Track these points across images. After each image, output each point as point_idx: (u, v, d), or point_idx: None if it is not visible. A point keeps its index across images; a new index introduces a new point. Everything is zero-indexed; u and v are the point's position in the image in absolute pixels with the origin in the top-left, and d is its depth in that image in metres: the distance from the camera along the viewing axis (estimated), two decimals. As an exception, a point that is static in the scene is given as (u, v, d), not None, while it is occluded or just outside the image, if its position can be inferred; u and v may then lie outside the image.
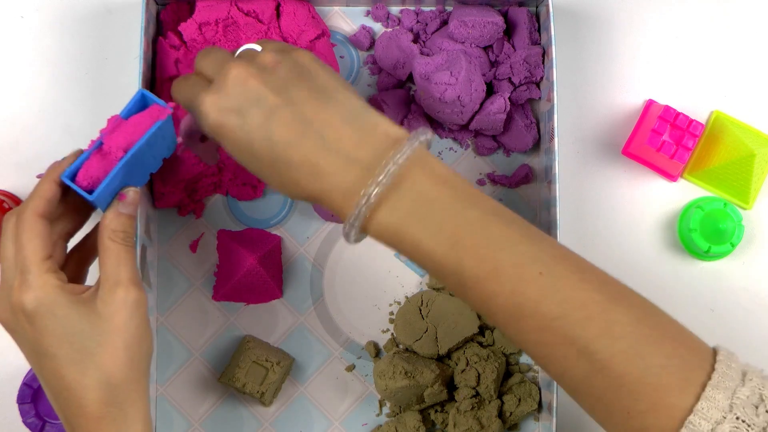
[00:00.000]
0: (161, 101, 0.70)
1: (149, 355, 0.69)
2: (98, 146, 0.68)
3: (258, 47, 0.70)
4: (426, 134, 0.65)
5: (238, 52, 0.71)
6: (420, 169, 0.65)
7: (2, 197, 0.87)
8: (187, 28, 0.86)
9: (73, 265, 0.72)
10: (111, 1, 0.91)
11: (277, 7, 0.88)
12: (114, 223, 0.68)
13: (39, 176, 0.82)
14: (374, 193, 0.63)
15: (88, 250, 0.73)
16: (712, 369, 0.62)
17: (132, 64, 0.89)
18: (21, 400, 0.84)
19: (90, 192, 0.67)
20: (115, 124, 0.69)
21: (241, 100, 0.66)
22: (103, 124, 0.91)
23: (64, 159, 0.70)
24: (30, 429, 0.84)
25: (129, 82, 0.89)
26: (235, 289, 0.88)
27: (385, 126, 0.66)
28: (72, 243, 0.73)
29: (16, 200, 0.88)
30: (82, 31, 0.91)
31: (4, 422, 0.87)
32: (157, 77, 0.88)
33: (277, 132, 0.65)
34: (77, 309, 0.66)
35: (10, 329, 0.68)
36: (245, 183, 0.88)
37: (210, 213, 0.90)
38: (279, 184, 0.67)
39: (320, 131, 0.65)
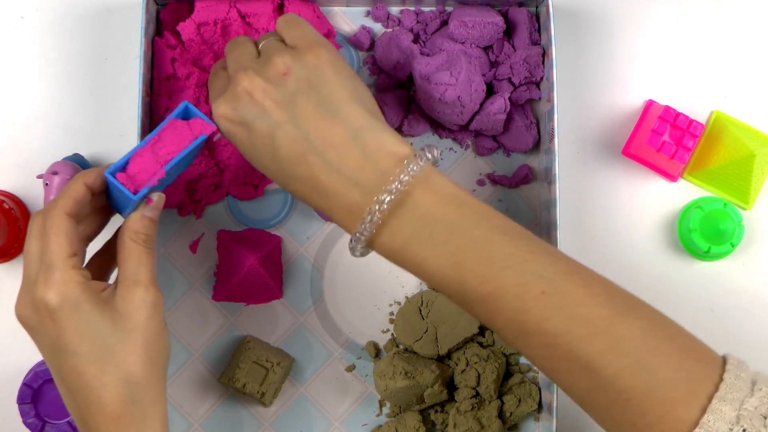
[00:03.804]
0: (205, 117, 0.71)
1: (167, 355, 0.69)
2: (135, 152, 0.70)
3: (277, 35, 0.72)
4: (432, 152, 0.65)
5: (261, 44, 0.73)
6: (425, 188, 0.65)
7: (2, 197, 0.87)
8: (186, 27, 0.86)
9: (97, 269, 0.72)
10: (111, 1, 0.91)
11: (281, 7, 0.88)
12: (137, 224, 0.69)
13: (39, 176, 0.82)
14: (377, 213, 0.64)
15: (112, 254, 0.73)
16: (721, 380, 0.61)
17: (132, 64, 0.89)
18: (21, 400, 0.84)
19: (133, 194, 0.69)
20: (160, 131, 0.71)
21: (247, 114, 0.68)
22: (104, 124, 0.91)
23: (98, 168, 0.70)
24: (30, 429, 0.84)
25: (129, 82, 0.89)
26: (235, 289, 0.88)
27: (390, 145, 0.66)
28: (94, 248, 0.74)
29: (16, 200, 0.88)
30: (82, 31, 0.91)
31: (4, 422, 0.87)
32: (155, 77, 0.88)
33: (281, 148, 0.67)
34: (99, 306, 0.66)
35: (29, 326, 0.67)
36: (245, 183, 0.88)
37: (210, 213, 0.90)
38: (290, 191, 0.70)
39: (323, 150, 0.66)
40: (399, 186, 0.64)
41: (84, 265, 0.71)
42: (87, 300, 0.65)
